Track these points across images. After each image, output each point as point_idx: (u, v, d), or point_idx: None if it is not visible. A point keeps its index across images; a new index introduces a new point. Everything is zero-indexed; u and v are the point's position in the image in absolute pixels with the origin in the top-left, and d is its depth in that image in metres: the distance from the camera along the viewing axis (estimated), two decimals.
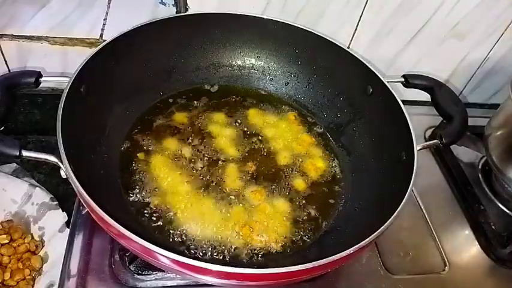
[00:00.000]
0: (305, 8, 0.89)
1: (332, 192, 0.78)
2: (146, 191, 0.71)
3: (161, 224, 0.68)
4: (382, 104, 0.79)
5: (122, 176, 0.73)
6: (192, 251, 0.66)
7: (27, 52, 0.86)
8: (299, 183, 0.78)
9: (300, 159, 0.82)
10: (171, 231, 0.68)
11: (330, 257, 0.54)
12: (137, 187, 0.72)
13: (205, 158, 0.78)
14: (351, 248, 0.56)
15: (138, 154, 0.76)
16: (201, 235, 0.68)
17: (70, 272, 0.68)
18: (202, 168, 0.76)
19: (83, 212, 0.75)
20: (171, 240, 0.67)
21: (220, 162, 0.78)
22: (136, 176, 0.73)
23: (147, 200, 0.70)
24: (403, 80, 0.81)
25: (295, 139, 0.85)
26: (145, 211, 0.69)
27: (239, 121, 0.86)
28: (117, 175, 0.73)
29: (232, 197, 0.73)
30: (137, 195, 0.71)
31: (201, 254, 0.66)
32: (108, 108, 0.76)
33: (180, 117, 0.84)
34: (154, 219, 0.69)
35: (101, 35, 0.85)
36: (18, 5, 0.79)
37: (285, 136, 0.85)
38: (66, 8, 0.81)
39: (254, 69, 0.93)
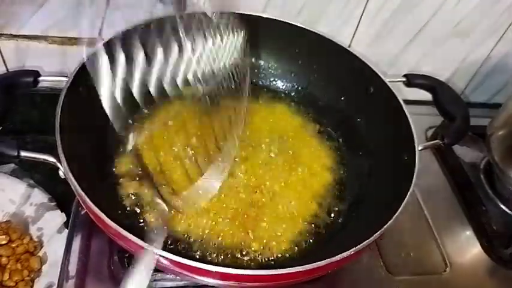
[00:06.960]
0: (305, 7, 0.88)
1: (332, 193, 0.78)
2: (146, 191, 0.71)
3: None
4: (383, 103, 0.78)
5: (121, 176, 0.72)
6: (191, 252, 0.66)
7: (26, 51, 0.85)
8: (298, 183, 0.77)
9: (299, 159, 0.81)
10: (171, 232, 0.67)
11: (330, 258, 0.54)
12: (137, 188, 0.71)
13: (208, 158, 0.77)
14: (352, 249, 0.55)
15: (138, 154, 0.75)
16: (202, 235, 0.68)
17: (69, 273, 0.68)
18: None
19: (82, 213, 0.74)
20: (169, 241, 0.66)
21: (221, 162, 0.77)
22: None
23: (147, 200, 0.70)
24: (404, 79, 0.80)
25: (294, 139, 0.84)
26: (145, 211, 0.69)
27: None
28: (117, 175, 0.72)
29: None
30: (137, 196, 0.70)
31: (199, 254, 0.66)
32: None
33: (181, 116, 0.83)
34: (154, 219, 0.68)
35: (100, 34, 0.85)
36: (16, 4, 0.78)
37: (284, 136, 0.84)
38: (64, 7, 0.80)
39: (254, 69, 0.93)
